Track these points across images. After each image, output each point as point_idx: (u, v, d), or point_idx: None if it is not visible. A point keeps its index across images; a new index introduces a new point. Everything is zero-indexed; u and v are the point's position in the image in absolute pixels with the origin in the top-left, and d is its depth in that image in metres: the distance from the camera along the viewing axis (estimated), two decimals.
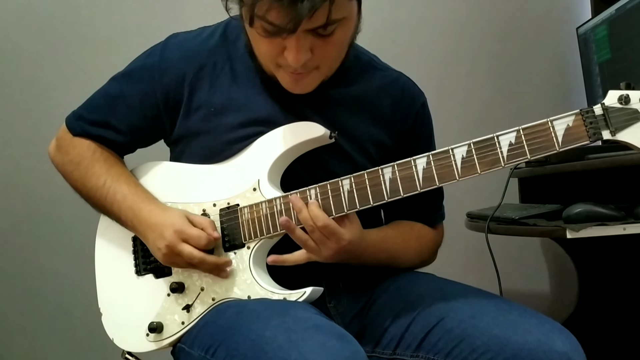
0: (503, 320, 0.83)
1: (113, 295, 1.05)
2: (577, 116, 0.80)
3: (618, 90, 0.80)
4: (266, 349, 0.76)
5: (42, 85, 1.81)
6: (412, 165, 0.87)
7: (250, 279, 0.94)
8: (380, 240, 1.01)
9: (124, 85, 1.05)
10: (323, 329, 0.80)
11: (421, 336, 0.87)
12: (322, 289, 0.94)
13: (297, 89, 0.95)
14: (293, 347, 0.75)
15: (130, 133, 1.06)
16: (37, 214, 1.80)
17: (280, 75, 0.93)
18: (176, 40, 1.05)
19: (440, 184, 0.85)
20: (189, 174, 1.02)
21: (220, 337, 0.85)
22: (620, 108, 0.79)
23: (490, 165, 0.83)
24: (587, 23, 1.80)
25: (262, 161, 0.97)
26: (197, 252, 0.93)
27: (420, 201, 1.08)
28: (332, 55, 0.92)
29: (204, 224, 0.95)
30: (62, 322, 1.80)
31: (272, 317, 0.82)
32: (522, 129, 0.82)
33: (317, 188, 0.91)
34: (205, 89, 1.01)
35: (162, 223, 0.95)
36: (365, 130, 1.03)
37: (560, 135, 0.80)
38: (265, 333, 0.79)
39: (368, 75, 1.07)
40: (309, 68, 0.90)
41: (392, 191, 0.88)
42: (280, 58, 0.89)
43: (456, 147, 0.85)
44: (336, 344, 0.76)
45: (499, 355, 0.79)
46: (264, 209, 0.95)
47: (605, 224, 1.15)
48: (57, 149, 1.10)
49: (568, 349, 0.79)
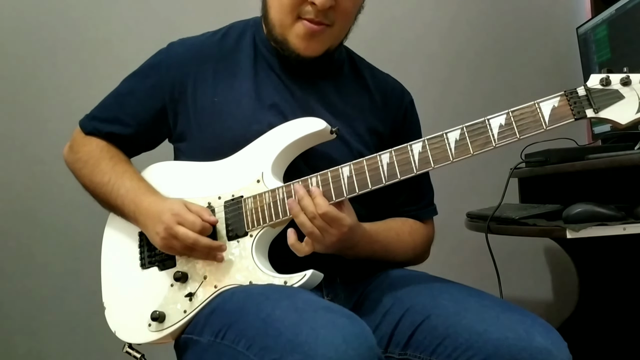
0: (486, 316, 0.85)
1: (117, 289, 1.07)
2: (562, 97, 0.85)
3: (599, 74, 0.86)
4: (277, 325, 0.78)
5: (41, 86, 1.81)
6: (409, 150, 0.91)
7: (252, 266, 0.96)
8: (374, 232, 1.03)
9: (132, 83, 1.12)
10: (332, 309, 0.82)
11: (409, 334, 0.89)
12: (322, 275, 0.95)
13: (309, 49, 1.01)
14: (304, 323, 0.76)
15: (137, 125, 1.11)
16: (36, 213, 1.80)
17: (295, 33, 1.00)
18: (180, 41, 1.13)
19: (435, 166, 0.89)
20: (194, 171, 1.06)
21: (229, 319, 0.87)
22: (602, 89, 0.85)
23: (482, 146, 0.87)
24: (587, 23, 1.80)
25: (266, 155, 1.00)
26: (192, 233, 0.95)
27: (410, 199, 1.13)
28: (348, 12, 1.01)
29: (200, 210, 0.98)
30: (62, 322, 1.80)
31: (281, 298, 0.84)
32: (511, 111, 0.87)
33: (319, 176, 0.95)
34: (208, 81, 1.07)
35: (161, 209, 0.98)
36: (361, 116, 1.10)
37: (547, 115, 0.85)
38: (275, 312, 0.80)
39: (360, 70, 1.16)
40: (328, 19, 0.99)
41: (390, 175, 0.91)
42: (303, 6, 0.97)
43: (449, 132, 0.89)
44: (346, 321, 0.78)
45: (480, 352, 0.81)
46: (267, 197, 0.97)
47: (605, 224, 1.15)
48: (70, 149, 1.16)
49: (549, 343, 0.80)
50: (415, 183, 1.12)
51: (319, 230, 0.91)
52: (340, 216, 0.91)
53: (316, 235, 0.92)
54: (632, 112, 0.83)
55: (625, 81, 0.84)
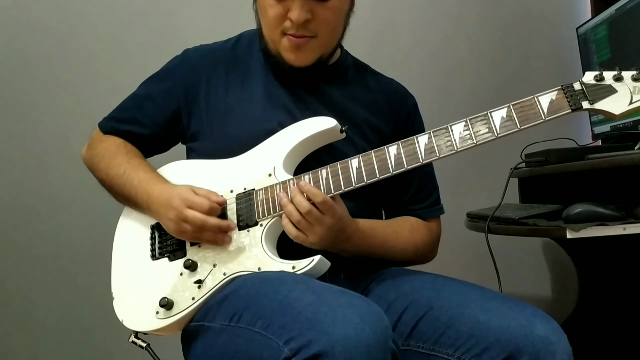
0: (488, 307, 0.87)
1: (127, 280, 1.09)
2: (559, 91, 0.93)
3: (593, 72, 0.93)
4: (295, 304, 0.80)
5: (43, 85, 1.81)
6: (415, 142, 0.97)
7: (261, 253, 0.99)
8: (369, 227, 1.05)
9: (149, 86, 1.19)
10: (347, 292, 0.84)
11: (412, 325, 0.91)
12: (329, 263, 0.97)
13: (298, 60, 1.06)
14: (322, 304, 0.78)
15: (153, 126, 1.16)
16: (35, 212, 1.80)
17: (284, 45, 1.05)
18: (195, 47, 1.20)
19: (440, 155, 0.94)
20: (207, 168, 1.10)
21: (244, 303, 0.88)
22: (596, 84, 0.92)
23: (484, 135, 0.93)
24: (587, 23, 1.80)
25: (278, 152, 1.05)
26: (200, 214, 0.98)
27: (416, 195, 1.15)
28: (329, 21, 1.04)
29: (207, 192, 1.03)
30: (59, 322, 1.80)
31: (297, 282, 0.86)
32: (512, 105, 0.93)
33: (328, 167, 1.00)
34: (221, 83, 1.13)
35: (170, 195, 1.02)
36: (365, 118, 1.13)
37: (545, 107, 0.92)
38: (292, 294, 0.82)
39: (364, 77, 1.20)
40: (310, 31, 1.02)
41: (397, 164, 0.97)
42: (285, 22, 1.02)
43: (454, 124, 0.95)
44: (362, 302, 0.81)
45: (483, 340, 0.83)
46: (278, 189, 1.01)
47: (605, 224, 1.15)
48: (88, 147, 1.21)
49: (549, 333, 0.83)
50: (420, 182, 1.15)
51: (309, 222, 0.94)
52: (333, 205, 0.95)
53: (303, 225, 0.95)
54: (624, 103, 0.90)
55: (617, 77, 0.91)
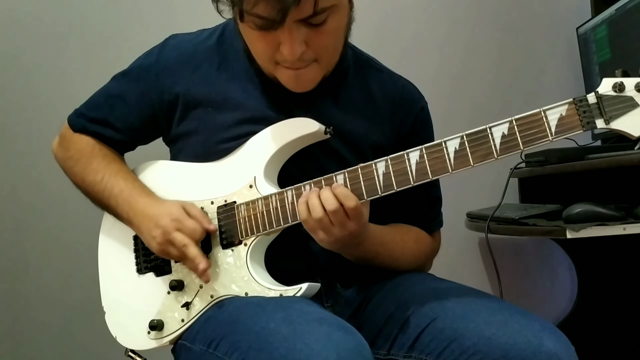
0: (493, 320, 0.83)
1: (115, 294, 1.06)
2: (570, 105, 0.78)
3: (613, 78, 0.78)
4: (270, 339, 0.76)
5: (37, 84, 1.81)
6: (405, 159, 0.86)
7: (247, 276, 0.94)
8: (379, 233, 1.00)
9: (122, 84, 1.08)
10: (327, 321, 0.80)
11: (414, 336, 0.87)
12: (319, 285, 0.94)
13: (299, 87, 0.95)
14: (298, 338, 0.75)
15: (128, 131, 1.08)
16: (34, 212, 1.80)
17: (280, 74, 0.93)
18: (174, 41, 1.06)
19: (433, 177, 0.84)
20: (187, 172, 1.03)
21: (222, 330, 0.86)
22: (615, 96, 0.77)
23: (483, 157, 0.82)
24: (587, 23, 1.80)
25: (258, 158, 0.98)
26: (188, 239, 0.93)
27: (418, 208, 1.10)
28: (327, 45, 0.92)
29: (200, 216, 0.96)
30: (66, 322, 1.80)
31: (276, 310, 0.82)
32: (515, 120, 0.80)
33: (312, 184, 0.91)
34: (201, 88, 1.02)
35: (159, 213, 0.96)
36: (363, 133, 1.03)
37: (553, 126, 0.78)
38: (270, 325, 0.79)
39: (367, 76, 1.07)
40: (307, 60, 0.90)
41: (386, 186, 0.87)
42: (277, 55, 0.89)
43: (449, 140, 0.84)
44: (341, 335, 0.77)
45: (488, 356, 0.79)
46: (260, 205, 0.95)
47: (605, 224, 1.15)
48: (59, 145, 1.13)
49: (558, 349, 0.78)
50: (425, 193, 1.07)
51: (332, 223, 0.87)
52: (362, 211, 0.88)
53: (325, 222, 0.87)
54: None
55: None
